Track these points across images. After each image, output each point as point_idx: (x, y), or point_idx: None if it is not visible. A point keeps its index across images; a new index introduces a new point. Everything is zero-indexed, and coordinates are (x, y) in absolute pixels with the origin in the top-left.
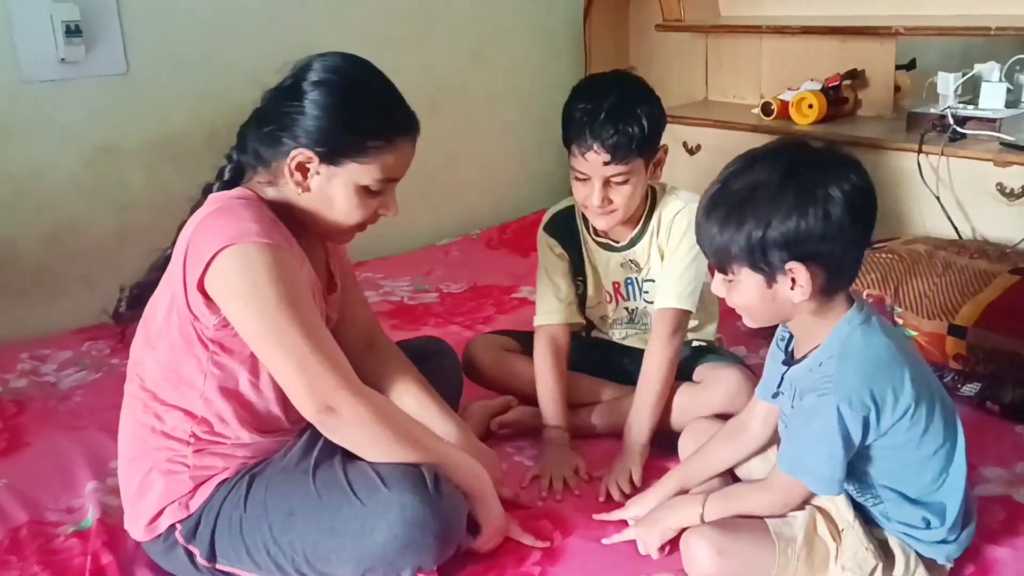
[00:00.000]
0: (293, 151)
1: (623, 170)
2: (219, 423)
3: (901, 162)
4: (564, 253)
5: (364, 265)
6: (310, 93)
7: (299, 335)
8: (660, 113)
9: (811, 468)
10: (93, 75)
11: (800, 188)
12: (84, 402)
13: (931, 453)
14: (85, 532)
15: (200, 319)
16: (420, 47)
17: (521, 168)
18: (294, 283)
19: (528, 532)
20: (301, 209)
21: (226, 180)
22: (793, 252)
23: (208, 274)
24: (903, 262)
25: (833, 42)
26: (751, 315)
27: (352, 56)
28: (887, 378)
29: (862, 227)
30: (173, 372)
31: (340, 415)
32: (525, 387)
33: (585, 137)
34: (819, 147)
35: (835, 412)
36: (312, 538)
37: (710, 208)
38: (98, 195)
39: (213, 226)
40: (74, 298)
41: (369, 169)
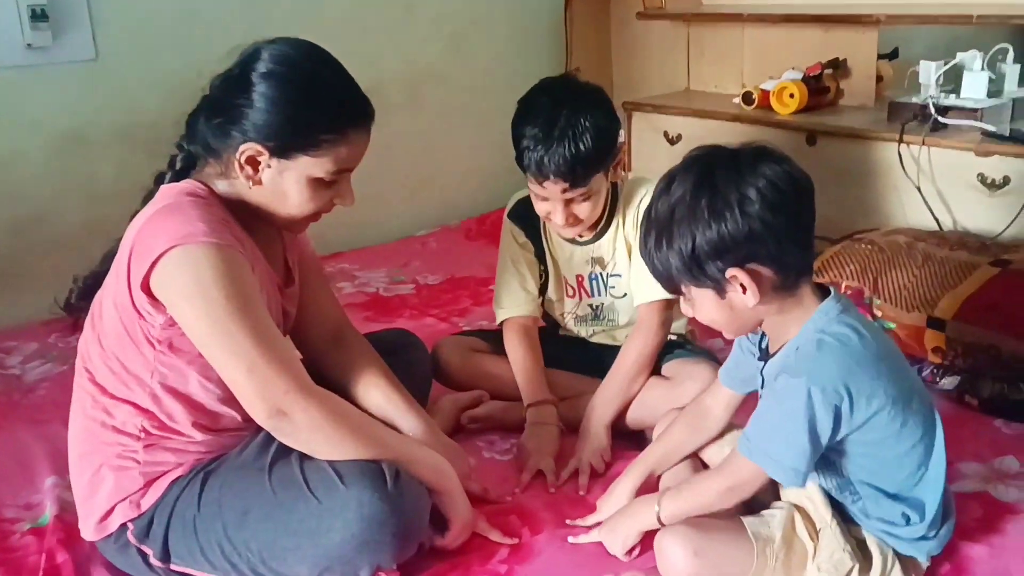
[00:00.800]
0: (243, 145)
1: (583, 191)
2: (169, 420)
3: (882, 152)
4: (527, 242)
5: (340, 256)
6: (259, 86)
7: (248, 338)
8: (611, 120)
9: (770, 451)
10: (61, 61)
11: (713, 195)
12: (49, 395)
13: (909, 448)
14: (41, 529)
15: (146, 318)
16: (397, 35)
17: (501, 158)
18: (243, 284)
19: (496, 528)
20: (254, 202)
21: (178, 170)
22: (727, 260)
23: (153, 275)
24: (883, 253)
25: (815, 31)
26: (721, 328)
27: (302, 43)
28: (864, 370)
29: (786, 217)
30: (121, 367)
31: (292, 419)
32: (495, 386)
33: (540, 167)
34: (733, 148)
35: (805, 395)
36: (268, 537)
37: (644, 236)
38: (67, 185)
39: (160, 225)
40: (42, 290)
41: (322, 162)
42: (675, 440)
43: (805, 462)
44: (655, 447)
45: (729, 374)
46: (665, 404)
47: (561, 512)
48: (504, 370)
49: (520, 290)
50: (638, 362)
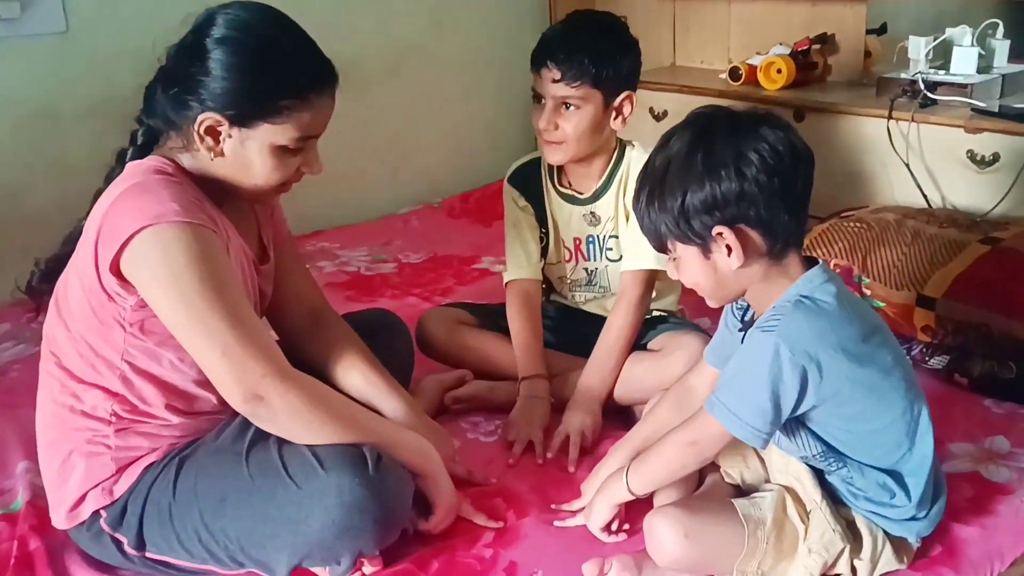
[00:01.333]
0: (201, 115)
1: (573, 93)
2: (141, 403)
3: (870, 128)
4: (528, 205)
5: (320, 234)
6: (213, 52)
7: (222, 321)
8: (626, 56)
9: (730, 404)
10: (30, 34)
11: (709, 152)
12: (20, 378)
13: (888, 423)
14: (13, 516)
15: (116, 300)
16: (378, 8)
17: (484, 135)
18: (217, 266)
19: (481, 512)
20: (219, 175)
21: (140, 145)
22: (716, 217)
23: (124, 256)
24: (871, 231)
25: (803, 6)
26: (705, 292)
27: (258, 6)
28: (839, 338)
29: (781, 183)
30: (89, 350)
31: (269, 404)
32: (479, 362)
33: (543, 54)
34: (737, 111)
35: (772, 350)
36: (245, 525)
37: (638, 189)
38: (38, 162)
39: (130, 204)
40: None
41: (284, 129)
42: (660, 420)
43: (766, 423)
44: (640, 428)
45: (715, 351)
46: (653, 377)
47: (547, 495)
48: (490, 345)
49: (522, 253)
50: (623, 334)
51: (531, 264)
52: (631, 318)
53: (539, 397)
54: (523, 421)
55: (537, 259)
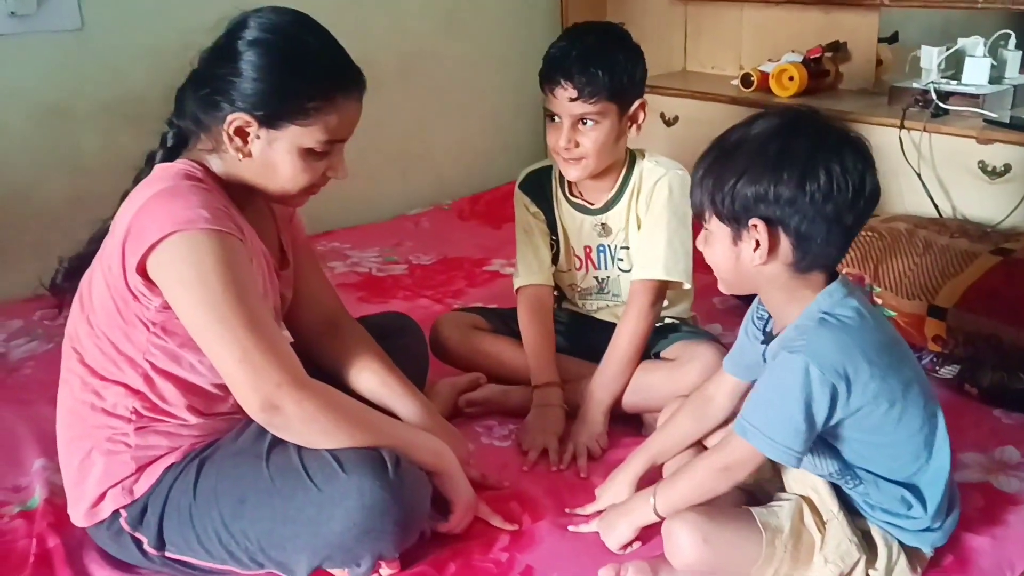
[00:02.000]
0: (230, 116)
1: (591, 110)
2: (162, 402)
3: (882, 137)
4: (539, 211)
5: (331, 235)
6: (245, 54)
7: (242, 328)
8: (637, 64)
9: (764, 428)
10: (45, 30)
11: (783, 149)
12: (34, 375)
13: (906, 437)
14: (31, 513)
15: (140, 300)
16: (389, 10)
17: (495, 137)
18: (241, 273)
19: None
20: (246, 177)
21: (170, 147)
22: (759, 210)
23: (151, 259)
24: (883, 240)
25: (815, 13)
26: (720, 275)
27: (290, 11)
28: (864, 353)
29: (835, 211)
30: (112, 348)
31: (284, 412)
32: (494, 366)
33: (556, 73)
34: (832, 123)
35: (803, 371)
36: (266, 526)
37: (703, 155)
38: (50, 159)
39: (160, 208)
40: (26, 266)
41: (311, 131)
42: (678, 429)
43: (800, 441)
44: (657, 436)
45: (733, 360)
46: (667, 387)
47: (562, 499)
48: (504, 350)
49: (533, 259)
50: (631, 344)
51: (542, 270)
52: (639, 327)
53: (552, 405)
54: (537, 429)
55: (548, 265)
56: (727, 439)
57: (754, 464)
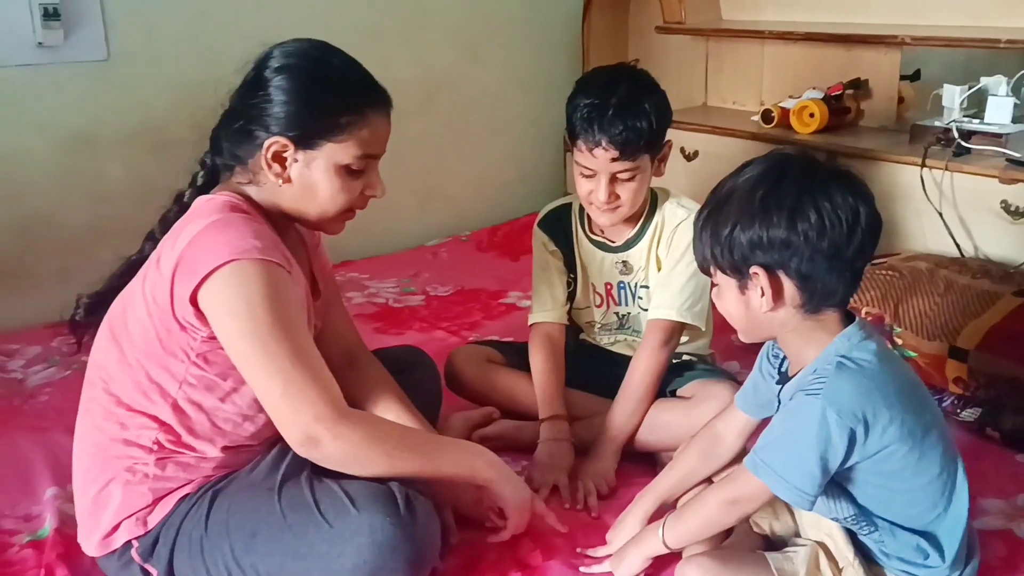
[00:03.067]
0: (267, 141)
1: (631, 166)
2: (187, 434)
3: (903, 175)
4: (557, 250)
5: (350, 264)
6: (274, 80)
7: (287, 359)
8: (667, 107)
9: (777, 467)
10: (71, 61)
11: (771, 193)
12: (51, 402)
13: (924, 483)
14: (41, 543)
15: (188, 330)
16: (413, 42)
17: (514, 169)
18: (289, 305)
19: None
20: (286, 204)
21: (199, 186)
22: (757, 256)
23: (203, 289)
24: (903, 279)
25: (837, 50)
26: (736, 326)
27: (312, 39)
28: (883, 397)
29: (831, 246)
30: (145, 377)
31: (322, 447)
32: (508, 400)
33: (593, 132)
34: (820, 161)
35: (819, 414)
36: (276, 561)
37: (700, 211)
38: (74, 186)
39: (213, 239)
40: (47, 292)
41: (346, 147)
42: (686, 468)
43: (813, 485)
44: (665, 475)
45: (746, 398)
46: (683, 425)
47: (573, 538)
48: (519, 384)
49: (548, 296)
50: (644, 382)
51: (556, 308)
52: (651, 365)
53: (560, 440)
54: (546, 465)
55: (563, 303)
56: (736, 472)
57: (762, 500)
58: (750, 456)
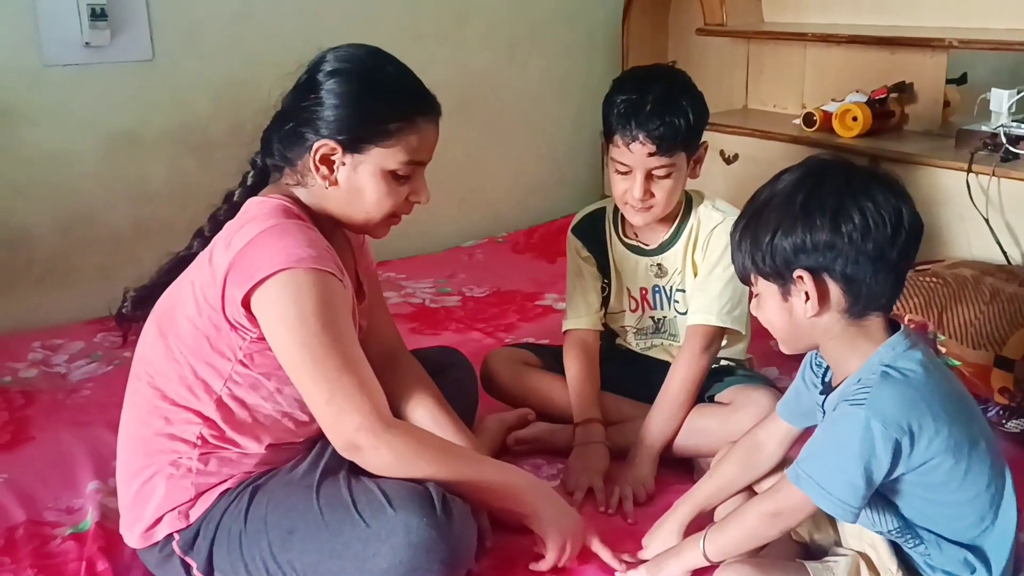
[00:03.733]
0: (316, 144)
1: (667, 163)
2: (231, 430)
3: (948, 180)
4: (590, 256)
5: (386, 265)
6: (326, 84)
7: (334, 369)
8: (703, 107)
9: (821, 480)
10: (117, 61)
11: (812, 196)
12: (93, 396)
13: (972, 496)
14: (83, 535)
15: (238, 331)
16: (452, 44)
17: (551, 171)
18: (340, 314)
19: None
20: (333, 207)
21: (249, 186)
22: (800, 260)
23: (256, 294)
24: (948, 287)
25: (881, 53)
26: (778, 336)
27: (365, 45)
28: (929, 408)
29: (876, 248)
30: (190, 372)
31: (363, 456)
32: (543, 403)
33: (630, 127)
34: (856, 164)
35: (863, 425)
36: (312, 559)
37: (738, 218)
38: (117, 184)
39: (270, 246)
40: (89, 288)
41: (394, 152)
42: (725, 476)
43: (857, 497)
44: (704, 482)
45: (788, 406)
46: (721, 431)
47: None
48: (554, 387)
49: (582, 303)
50: (684, 388)
51: (590, 314)
52: (691, 371)
53: (595, 442)
54: (580, 468)
55: (597, 309)
56: (779, 484)
57: (805, 513)
58: (792, 467)
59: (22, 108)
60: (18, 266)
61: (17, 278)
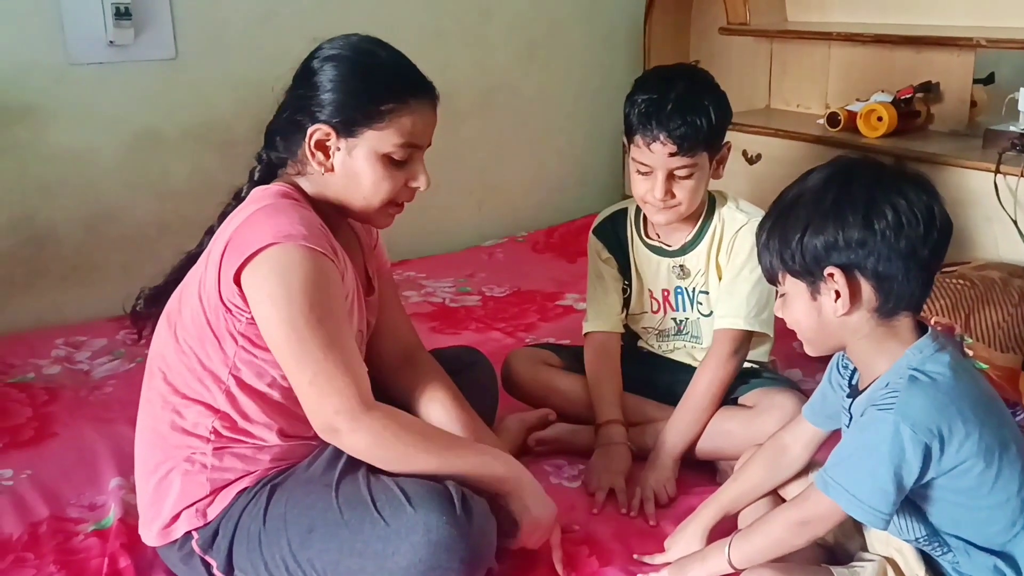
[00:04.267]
0: (310, 129)
1: (688, 163)
2: (243, 420)
3: (975, 181)
4: (611, 257)
5: (406, 264)
6: (320, 70)
7: (319, 349)
8: (726, 107)
9: (850, 487)
10: (141, 59)
11: (843, 193)
12: (115, 393)
13: (1003, 501)
14: (105, 532)
15: (232, 311)
16: (472, 43)
17: (572, 170)
18: (327, 295)
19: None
20: (332, 194)
21: (256, 181)
22: (831, 258)
23: (247, 269)
24: (975, 289)
25: (907, 52)
26: (804, 337)
27: (361, 34)
28: (959, 412)
29: (908, 245)
30: (197, 363)
31: (341, 438)
32: (564, 403)
33: (651, 127)
34: (883, 162)
35: (893, 430)
36: (332, 557)
37: (765, 217)
38: (140, 182)
39: (262, 223)
40: (112, 285)
41: (387, 135)
42: (750, 479)
43: (887, 504)
44: (729, 486)
45: (814, 408)
46: (744, 434)
47: (630, 544)
48: (575, 387)
49: (602, 304)
50: (709, 392)
51: (611, 317)
52: (719, 375)
53: (617, 443)
54: (602, 468)
55: (618, 311)
56: (807, 492)
57: (834, 521)
58: (820, 474)
59: (47, 106)
60: (43, 263)
61: (41, 275)
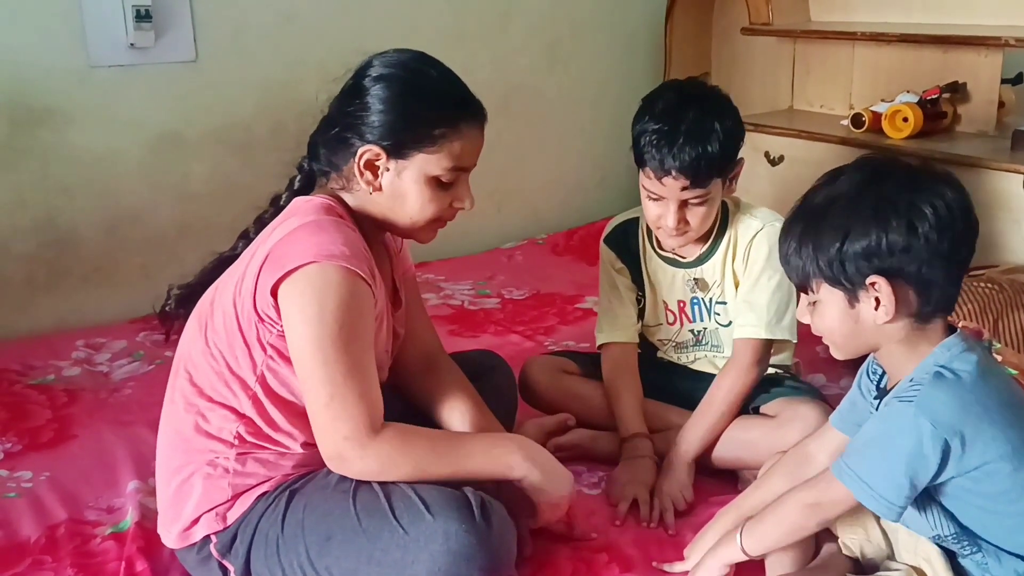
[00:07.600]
0: (360, 149)
1: (701, 192)
2: (267, 427)
3: (1003, 183)
4: (624, 267)
5: (426, 266)
6: (372, 89)
7: (340, 373)
8: (738, 126)
9: (863, 474)
10: (162, 62)
11: (881, 197)
12: (134, 395)
13: None
14: (122, 535)
15: (265, 322)
16: (493, 44)
17: (592, 172)
18: (359, 319)
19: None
20: (377, 212)
21: (296, 190)
22: (874, 265)
23: (285, 282)
24: (1003, 293)
25: (933, 52)
26: (835, 343)
27: (412, 50)
28: (986, 410)
29: (950, 245)
30: (225, 368)
31: (350, 466)
32: (583, 410)
33: (662, 161)
34: (911, 162)
35: (911, 422)
36: (350, 564)
37: (790, 224)
38: (161, 184)
39: (306, 239)
40: (133, 287)
41: (438, 158)
42: (771, 488)
43: (900, 496)
44: (749, 494)
45: (842, 415)
46: (766, 445)
47: (649, 552)
48: (593, 394)
49: (617, 316)
50: (727, 400)
51: (626, 328)
52: (740, 383)
53: (642, 456)
54: (627, 479)
55: (633, 322)
56: (822, 476)
57: (845, 507)
58: (837, 461)
59: (68, 109)
60: (64, 265)
61: (62, 277)
